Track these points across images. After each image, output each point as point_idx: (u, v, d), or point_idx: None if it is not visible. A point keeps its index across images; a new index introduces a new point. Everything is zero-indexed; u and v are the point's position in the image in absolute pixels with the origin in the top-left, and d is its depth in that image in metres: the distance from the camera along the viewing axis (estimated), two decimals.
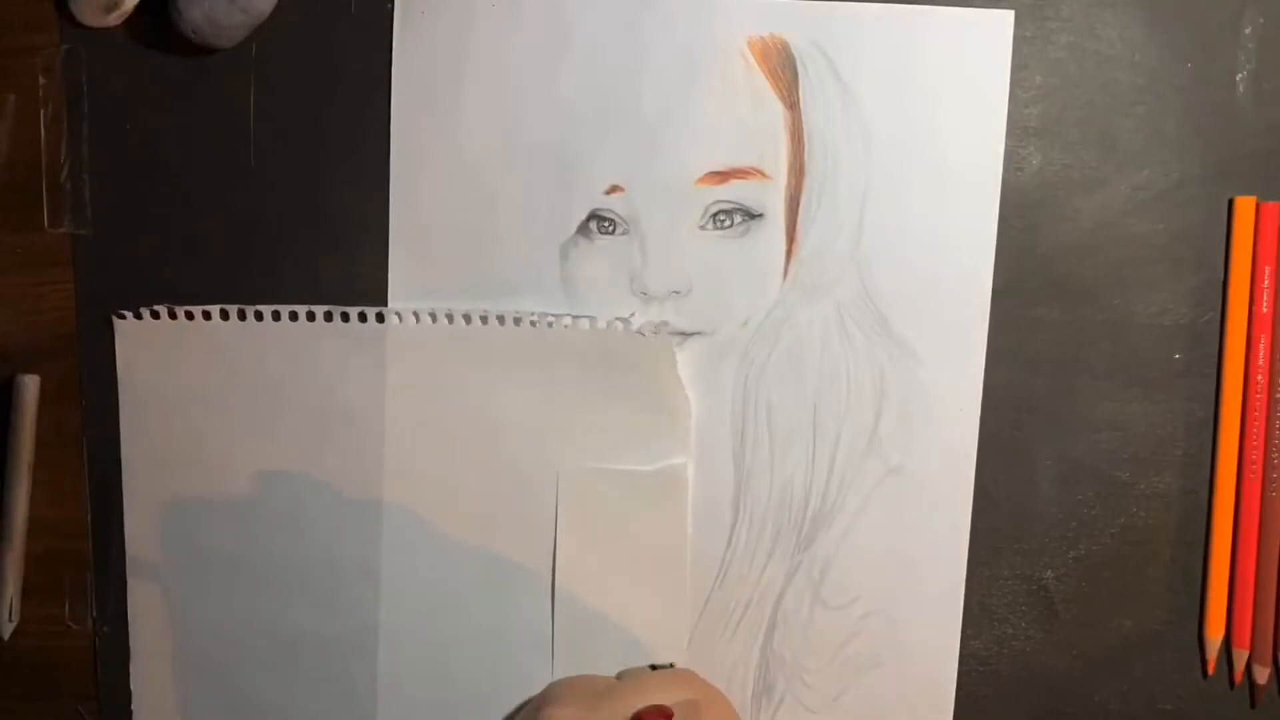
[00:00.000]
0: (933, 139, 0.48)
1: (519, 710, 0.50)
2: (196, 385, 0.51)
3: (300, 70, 0.50)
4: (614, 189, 0.49)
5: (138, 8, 0.50)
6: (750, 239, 0.49)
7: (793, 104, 0.48)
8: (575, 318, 0.49)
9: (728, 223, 0.49)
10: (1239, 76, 0.47)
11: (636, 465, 0.50)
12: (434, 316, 0.50)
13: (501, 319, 0.49)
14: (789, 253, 0.49)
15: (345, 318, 0.50)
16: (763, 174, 0.49)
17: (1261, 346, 0.47)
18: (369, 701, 0.51)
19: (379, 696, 0.51)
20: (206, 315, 0.50)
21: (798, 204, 0.49)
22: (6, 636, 0.52)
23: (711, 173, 0.49)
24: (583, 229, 0.49)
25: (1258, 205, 0.47)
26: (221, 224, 0.51)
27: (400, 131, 0.50)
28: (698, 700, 0.44)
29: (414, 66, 0.49)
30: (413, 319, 0.50)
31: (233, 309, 0.50)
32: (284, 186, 0.51)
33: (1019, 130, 0.48)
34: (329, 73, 0.50)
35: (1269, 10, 0.47)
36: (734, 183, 0.49)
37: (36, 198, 0.52)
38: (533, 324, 0.49)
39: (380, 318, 0.50)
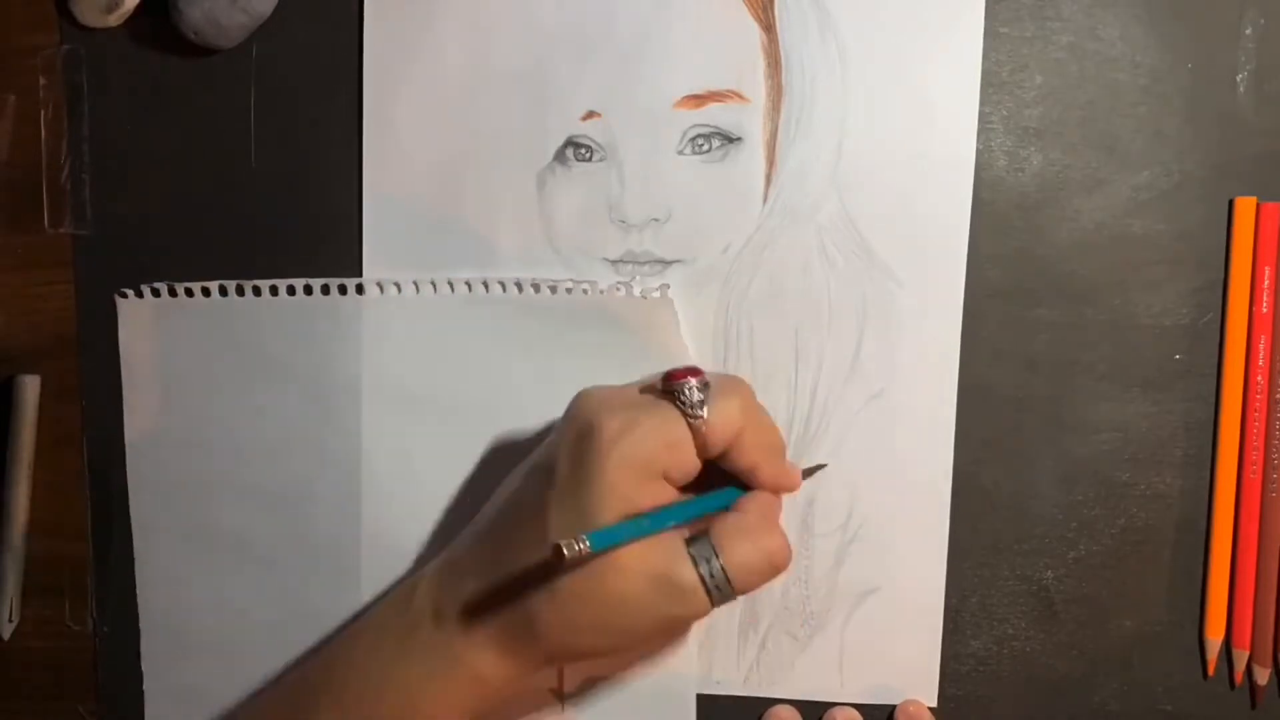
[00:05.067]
0: (910, 60, 0.48)
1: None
2: (196, 362, 0.51)
3: (300, 70, 0.50)
4: (590, 115, 0.49)
5: (138, 8, 0.50)
6: (729, 163, 0.49)
7: (769, 26, 0.48)
8: (575, 283, 0.49)
9: (706, 147, 0.49)
10: (1239, 77, 0.47)
11: None
12: (434, 285, 0.50)
13: (504, 285, 0.49)
14: (768, 177, 0.49)
15: (343, 290, 0.50)
16: (740, 97, 0.48)
17: (1261, 347, 0.47)
18: None
19: None
20: (205, 292, 0.51)
21: (776, 127, 0.49)
22: (7, 637, 0.52)
23: (689, 96, 0.49)
24: (559, 156, 0.49)
25: (1258, 206, 0.47)
26: (222, 224, 0.51)
27: (374, 62, 0.50)
28: (729, 379, 0.44)
29: None
30: (412, 289, 0.50)
31: (231, 285, 0.50)
32: (284, 186, 0.51)
33: (1019, 130, 0.48)
34: (329, 73, 0.50)
35: (1269, 10, 0.47)
36: (711, 106, 0.49)
37: (36, 198, 0.52)
38: (535, 290, 0.49)
39: (380, 288, 0.50)
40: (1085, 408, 0.49)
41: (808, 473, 0.48)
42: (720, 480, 0.44)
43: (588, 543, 0.38)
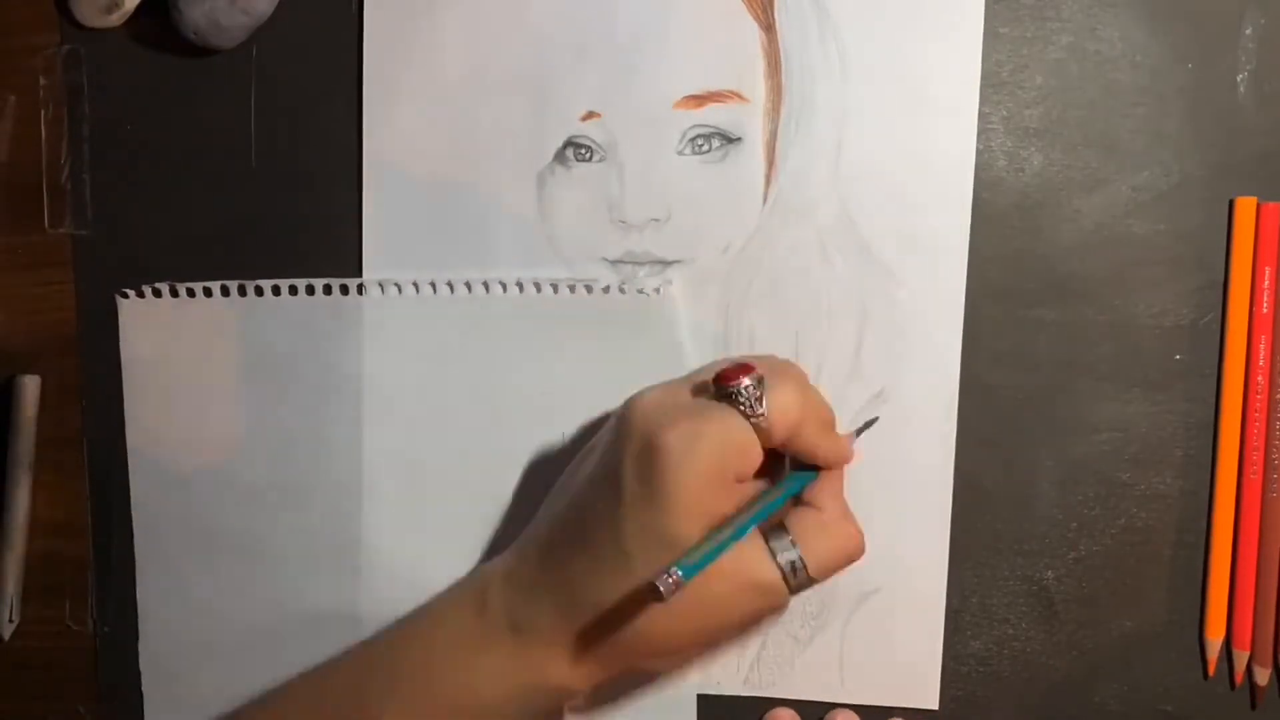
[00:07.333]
0: (910, 60, 0.48)
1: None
2: (196, 362, 0.51)
3: (300, 70, 0.50)
4: (590, 115, 0.49)
5: (138, 8, 0.50)
6: (729, 163, 0.49)
7: (769, 26, 0.48)
8: (575, 283, 0.49)
9: (706, 147, 0.49)
10: (1240, 77, 0.47)
11: None
12: (434, 285, 0.50)
13: (504, 285, 0.49)
14: (768, 177, 0.49)
15: (344, 290, 0.50)
16: (740, 97, 0.48)
17: (1261, 347, 0.47)
18: None
19: None
20: (206, 292, 0.51)
21: (776, 127, 0.49)
22: (7, 637, 0.52)
23: (688, 96, 0.49)
24: (559, 157, 0.49)
25: (1258, 206, 0.47)
26: (222, 224, 0.51)
27: (374, 62, 0.50)
28: (776, 364, 0.44)
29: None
30: (412, 289, 0.50)
31: (231, 285, 0.50)
32: (284, 186, 0.51)
33: (1019, 131, 0.48)
34: (329, 73, 0.50)
35: (1269, 10, 0.47)
36: (711, 106, 0.49)
37: (36, 198, 0.52)
38: (537, 289, 0.49)
39: (380, 289, 0.50)
40: (1085, 408, 0.49)
41: (858, 431, 0.48)
42: (770, 454, 0.44)
43: (680, 574, 0.38)
